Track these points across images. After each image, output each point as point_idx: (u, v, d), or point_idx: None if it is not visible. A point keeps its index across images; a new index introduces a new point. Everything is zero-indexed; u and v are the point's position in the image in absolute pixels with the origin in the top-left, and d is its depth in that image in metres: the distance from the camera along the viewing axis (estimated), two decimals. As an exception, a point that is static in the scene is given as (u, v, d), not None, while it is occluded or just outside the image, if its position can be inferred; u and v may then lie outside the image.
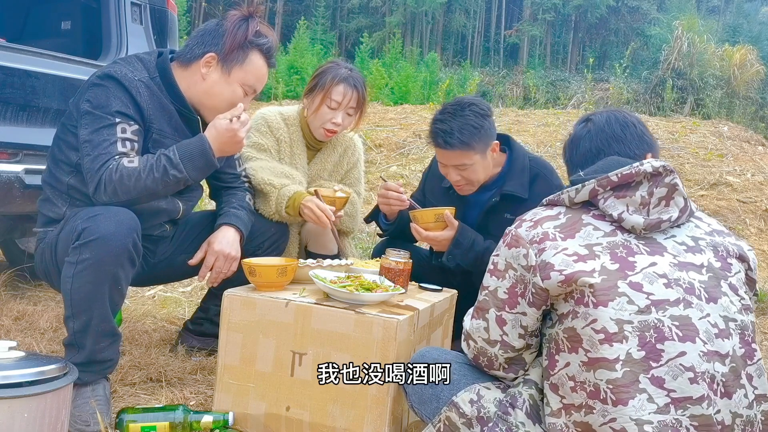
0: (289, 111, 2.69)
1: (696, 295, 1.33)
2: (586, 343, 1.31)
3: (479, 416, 1.47)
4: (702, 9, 32.16)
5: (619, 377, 1.27)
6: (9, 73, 2.57)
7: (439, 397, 1.56)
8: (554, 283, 1.36)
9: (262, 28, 2.10)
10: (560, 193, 1.47)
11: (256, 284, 1.91)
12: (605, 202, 1.41)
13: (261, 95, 15.97)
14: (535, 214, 1.48)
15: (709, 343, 1.29)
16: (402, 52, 24.62)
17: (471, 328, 1.56)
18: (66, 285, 1.80)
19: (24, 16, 3.60)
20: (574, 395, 1.32)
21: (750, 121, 13.53)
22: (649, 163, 1.40)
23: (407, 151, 7.86)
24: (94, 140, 1.90)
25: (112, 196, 1.86)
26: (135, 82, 1.98)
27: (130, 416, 1.75)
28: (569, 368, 1.34)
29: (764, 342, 3.31)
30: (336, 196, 2.43)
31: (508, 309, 1.46)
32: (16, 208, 2.62)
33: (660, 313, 1.30)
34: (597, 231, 1.40)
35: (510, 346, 1.49)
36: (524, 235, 1.44)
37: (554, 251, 1.38)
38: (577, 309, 1.34)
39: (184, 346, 2.45)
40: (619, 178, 1.40)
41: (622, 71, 13.83)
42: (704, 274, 1.37)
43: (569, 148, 1.66)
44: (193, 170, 1.95)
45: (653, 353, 1.27)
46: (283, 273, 1.91)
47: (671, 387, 1.26)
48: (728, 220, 6.33)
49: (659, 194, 1.40)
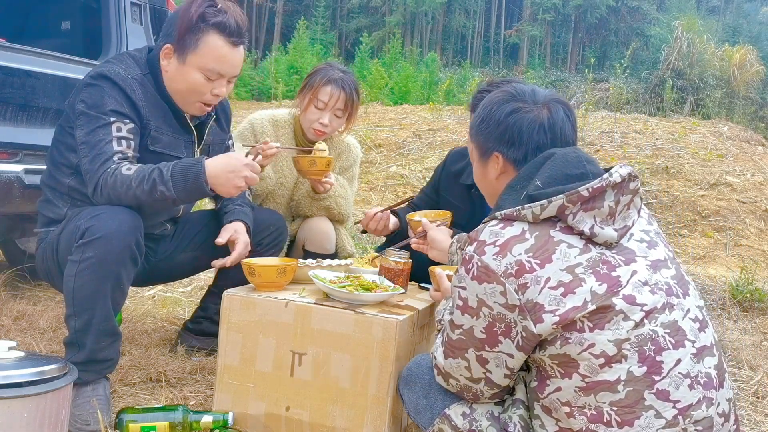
0: (282, 113, 2.70)
1: (674, 294, 1.32)
2: (584, 369, 1.26)
3: (471, 429, 1.45)
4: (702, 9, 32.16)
5: (622, 398, 1.24)
6: (9, 73, 2.57)
7: (433, 408, 1.54)
8: (548, 326, 1.27)
9: (221, 3, 1.95)
10: (520, 208, 1.32)
11: (256, 284, 1.91)
12: (574, 217, 1.30)
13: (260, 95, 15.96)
14: (497, 235, 1.32)
15: (696, 342, 1.30)
16: (402, 52, 24.62)
17: (449, 367, 1.43)
18: (68, 283, 1.79)
19: (24, 16, 3.60)
20: (571, 420, 1.28)
21: (750, 121, 13.55)
22: (617, 172, 1.32)
23: (407, 151, 7.86)
24: (91, 141, 1.89)
25: (107, 201, 1.86)
26: (128, 80, 1.96)
27: (130, 416, 1.75)
28: (561, 393, 1.29)
29: (764, 342, 3.31)
30: (315, 156, 2.43)
31: (489, 348, 1.35)
32: (16, 208, 2.62)
33: (652, 324, 1.26)
34: (572, 249, 1.29)
35: (495, 384, 1.40)
36: (494, 267, 1.29)
37: (538, 287, 1.26)
38: (568, 335, 1.26)
39: (184, 345, 2.45)
40: (590, 193, 1.29)
41: (622, 71, 13.84)
42: (671, 267, 1.36)
43: (509, 133, 1.45)
44: (183, 191, 1.84)
45: (654, 367, 1.24)
46: (282, 273, 1.91)
47: (676, 397, 1.24)
48: (728, 220, 6.33)
49: (624, 201, 1.34)
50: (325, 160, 2.40)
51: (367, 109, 10.38)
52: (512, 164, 1.46)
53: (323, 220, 2.70)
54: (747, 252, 5.90)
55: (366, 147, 7.82)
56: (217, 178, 1.85)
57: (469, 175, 2.38)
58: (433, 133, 8.59)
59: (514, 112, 1.45)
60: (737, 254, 5.78)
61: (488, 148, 1.49)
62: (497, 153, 1.47)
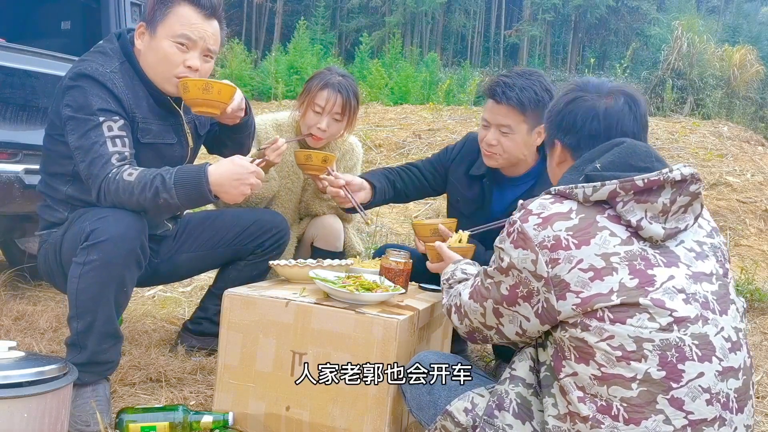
0: (284, 117, 2.71)
1: (711, 309, 1.29)
2: (601, 358, 1.26)
3: (474, 425, 1.45)
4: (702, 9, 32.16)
5: (634, 396, 1.23)
6: (9, 73, 2.57)
7: (437, 403, 1.55)
8: (569, 305, 1.29)
9: None
10: (573, 186, 1.34)
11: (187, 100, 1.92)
12: (624, 206, 1.30)
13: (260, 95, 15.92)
14: (544, 207, 1.35)
15: (724, 360, 1.27)
16: (402, 52, 24.62)
17: (468, 307, 1.51)
18: (72, 285, 1.79)
19: (24, 16, 3.60)
20: (581, 405, 1.28)
21: (750, 121, 13.54)
22: (679, 170, 1.31)
23: (407, 151, 7.86)
24: (85, 145, 1.86)
25: (111, 206, 1.84)
26: (108, 74, 1.92)
27: (130, 416, 1.75)
28: (577, 378, 1.29)
29: (764, 342, 3.31)
30: (311, 150, 2.42)
31: (506, 305, 1.42)
32: (16, 208, 2.63)
33: (681, 332, 1.24)
34: (613, 237, 1.29)
35: (505, 336, 1.47)
36: (532, 235, 1.32)
37: (569, 266, 1.28)
38: (588, 322, 1.27)
39: (184, 346, 2.45)
40: (644, 184, 1.29)
41: (623, 71, 13.83)
42: (714, 283, 1.33)
43: (566, 120, 1.48)
44: (186, 199, 1.83)
45: (674, 374, 1.23)
46: (206, 90, 1.88)
47: (689, 409, 1.23)
48: (728, 220, 6.33)
49: (681, 202, 1.32)
50: (321, 155, 2.40)
51: (367, 109, 10.37)
52: (569, 151, 1.49)
53: (333, 218, 2.71)
54: (747, 252, 5.89)
55: (366, 147, 7.82)
56: (222, 185, 1.84)
57: (480, 166, 2.34)
58: (433, 133, 8.59)
59: (574, 101, 1.48)
60: (737, 254, 5.77)
61: (550, 135, 1.54)
62: (557, 140, 1.51)
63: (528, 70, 2.24)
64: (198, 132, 2.21)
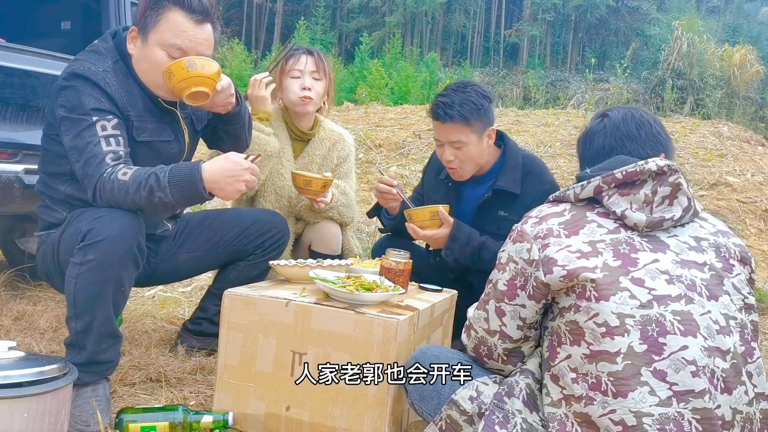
0: (271, 109, 2.71)
1: (697, 292, 1.34)
2: (589, 336, 1.33)
3: (480, 412, 1.48)
4: (702, 9, 32.17)
5: (619, 370, 1.28)
6: (9, 73, 2.57)
7: (440, 393, 1.57)
8: (556, 277, 1.38)
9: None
10: (566, 189, 1.50)
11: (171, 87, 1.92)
12: (609, 199, 1.43)
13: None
14: (541, 211, 1.50)
15: (710, 339, 1.30)
16: (402, 52, 24.63)
17: (473, 318, 1.60)
18: (70, 285, 1.79)
19: (24, 16, 3.60)
20: (575, 386, 1.33)
21: (750, 121, 13.53)
22: (654, 162, 1.41)
23: (407, 151, 7.85)
24: (79, 145, 1.86)
25: (107, 206, 1.84)
26: (101, 74, 1.91)
27: (130, 416, 1.75)
28: (571, 360, 1.36)
29: (764, 342, 3.31)
30: (311, 176, 2.46)
31: (507, 300, 1.49)
32: (16, 208, 2.63)
33: (661, 308, 1.31)
34: (600, 228, 1.41)
35: (508, 336, 1.51)
36: (529, 231, 1.46)
37: (557, 247, 1.40)
38: (579, 303, 1.36)
39: (184, 346, 2.45)
40: (623, 176, 1.41)
41: (623, 71, 13.82)
42: (706, 272, 1.38)
43: (582, 143, 1.68)
44: (181, 198, 1.83)
45: (655, 347, 1.28)
46: (168, 76, 1.90)
47: (673, 380, 1.27)
48: (728, 220, 6.33)
49: (663, 193, 1.41)
50: (321, 181, 2.42)
51: (367, 109, 10.37)
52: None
53: (329, 223, 2.70)
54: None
55: (366, 147, 7.82)
56: (216, 183, 1.83)
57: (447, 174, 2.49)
58: (433, 133, 8.58)
59: (586, 134, 1.67)
60: (737, 254, 5.77)
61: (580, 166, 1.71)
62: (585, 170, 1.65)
63: (462, 83, 2.41)
64: (195, 128, 2.20)
